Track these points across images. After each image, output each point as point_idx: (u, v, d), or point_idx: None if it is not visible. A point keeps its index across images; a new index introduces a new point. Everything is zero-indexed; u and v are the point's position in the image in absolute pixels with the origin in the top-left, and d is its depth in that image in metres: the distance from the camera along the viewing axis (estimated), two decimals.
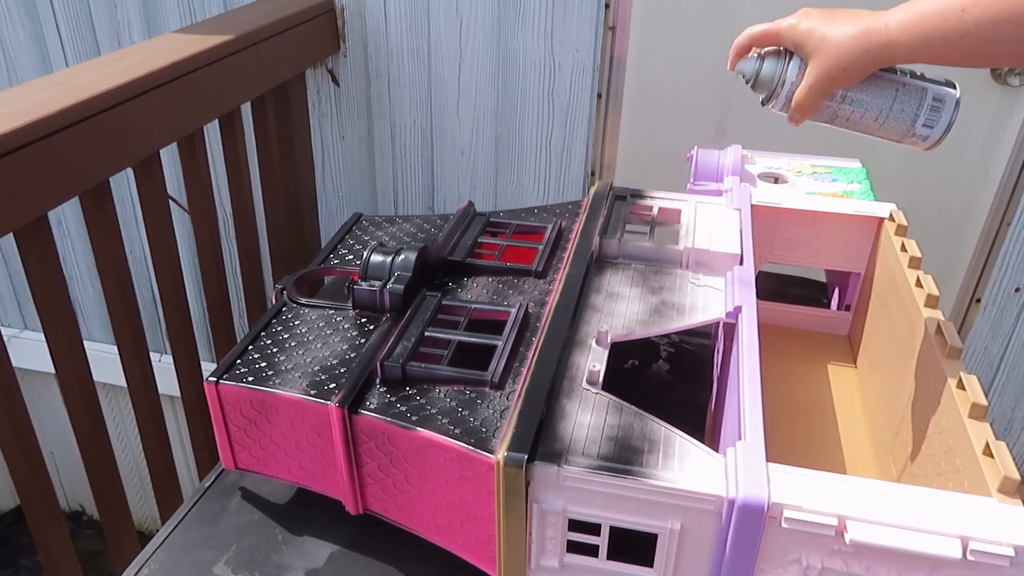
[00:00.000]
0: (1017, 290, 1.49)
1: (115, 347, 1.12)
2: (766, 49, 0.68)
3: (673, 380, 0.92)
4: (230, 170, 1.29)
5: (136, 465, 2.26)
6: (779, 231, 0.95)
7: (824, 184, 0.97)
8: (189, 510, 0.74)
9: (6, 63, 1.68)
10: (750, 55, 0.69)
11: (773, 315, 1.01)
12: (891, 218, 0.88)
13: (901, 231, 0.86)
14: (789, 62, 0.66)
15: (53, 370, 1.00)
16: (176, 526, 0.72)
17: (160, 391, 1.23)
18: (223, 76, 1.16)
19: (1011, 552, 0.49)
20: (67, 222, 1.87)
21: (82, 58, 1.62)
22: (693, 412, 0.86)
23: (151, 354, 1.19)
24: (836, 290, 1.03)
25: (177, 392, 1.30)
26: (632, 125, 1.48)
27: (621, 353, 0.95)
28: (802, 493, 0.53)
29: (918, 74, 0.65)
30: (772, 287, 1.09)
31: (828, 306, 1.04)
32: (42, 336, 0.98)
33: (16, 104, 0.86)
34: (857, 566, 0.53)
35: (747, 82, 0.69)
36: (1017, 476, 0.53)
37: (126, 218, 1.68)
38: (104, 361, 1.32)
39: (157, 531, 0.72)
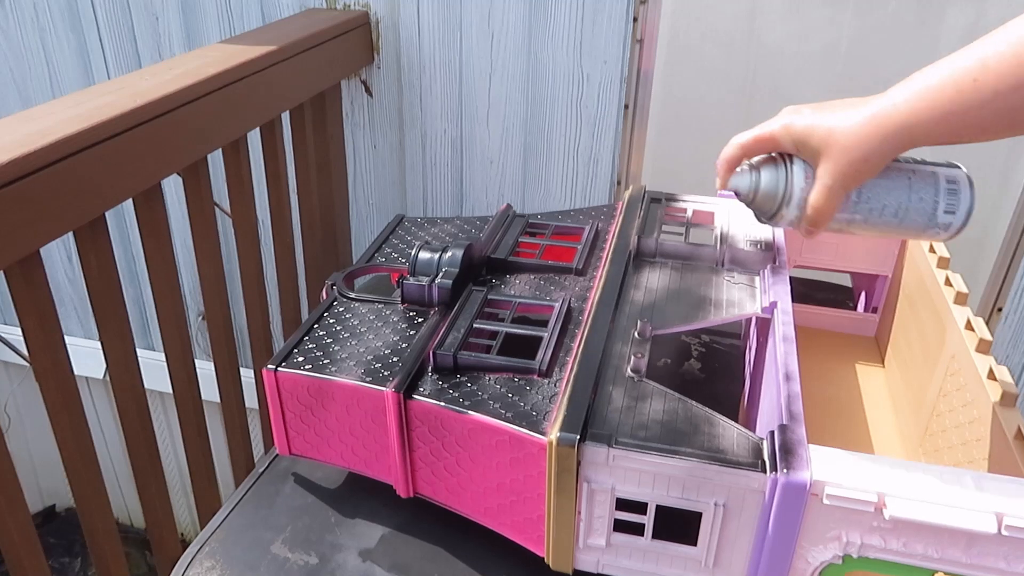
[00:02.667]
0: None
1: (146, 352, 1.15)
2: (755, 159, 0.60)
3: (705, 378, 0.95)
4: (270, 177, 1.34)
5: (166, 472, 2.30)
6: None
7: None
8: (245, 494, 0.77)
9: (50, 75, 1.74)
10: (739, 169, 0.61)
11: (802, 317, 1.03)
12: None
13: None
14: (792, 167, 0.58)
15: (86, 374, 1.03)
16: (233, 508, 0.75)
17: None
18: (267, 85, 1.20)
19: None
20: None
21: (124, 70, 1.68)
22: (726, 407, 0.89)
23: None
24: (863, 293, 1.06)
25: (207, 398, 1.33)
26: (658, 135, 1.52)
27: (654, 352, 0.98)
28: (842, 471, 0.55)
29: (919, 160, 0.59)
30: (800, 291, 1.11)
31: (855, 309, 1.07)
32: (77, 341, 1.01)
33: (80, 108, 0.90)
34: (895, 542, 0.55)
35: (744, 201, 0.61)
36: None
37: None
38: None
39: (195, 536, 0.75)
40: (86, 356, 1.57)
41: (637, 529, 0.62)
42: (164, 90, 0.98)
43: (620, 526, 0.62)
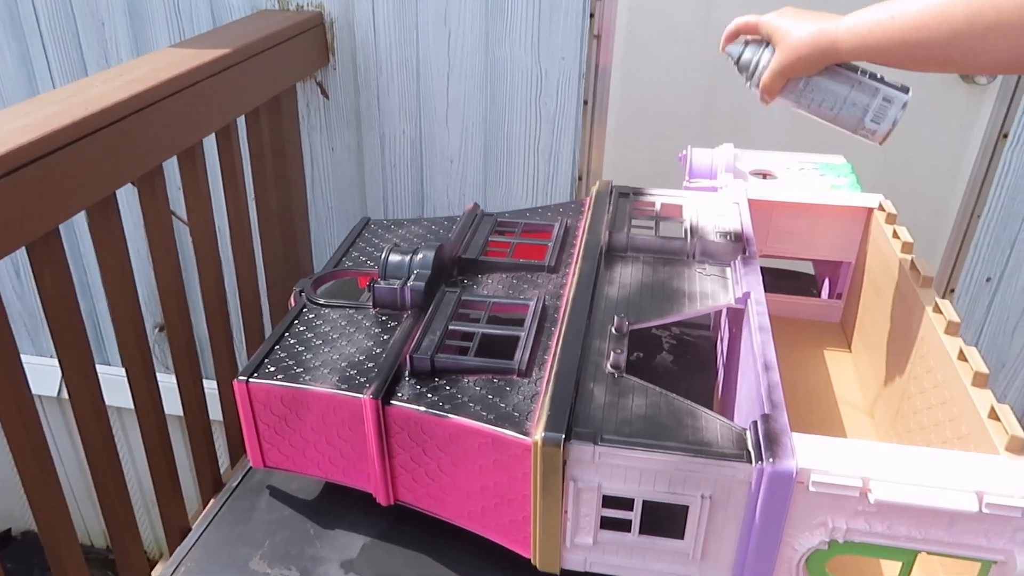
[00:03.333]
0: (988, 280, 1.55)
1: (100, 367, 1.11)
2: (752, 37, 0.79)
3: (678, 370, 0.95)
4: (227, 183, 1.31)
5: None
6: (773, 224, 0.99)
7: (812, 179, 1.02)
8: (220, 509, 0.75)
9: None
10: (738, 40, 0.79)
11: (768, 306, 1.04)
12: (880, 208, 0.93)
13: (891, 219, 0.90)
14: (764, 50, 0.76)
15: (38, 392, 0.99)
16: (209, 524, 0.73)
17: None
18: (221, 89, 1.17)
19: (1023, 504, 0.53)
20: None
21: (69, 78, 1.63)
22: (701, 399, 0.89)
23: None
24: (826, 280, 1.08)
25: (167, 412, 1.29)
26: (617, 130, 1.52)
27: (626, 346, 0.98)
28: (827, 458, 0.56)
29: (878, 76, 0.74)
30: (764, 281, 1.13)
31: (819, 296, 1.09)
32: (28, 358, 0.96)
33: (29, 117, 0.87)
34: (879, 525, 0.56)
35: (733, 63, 0.80)
36: (1023, 435, 0.57)
37: None
38: None
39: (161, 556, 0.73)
40: (38, 373, 1.52)
41: (624, 526, 0.62)
42: (115, 97, 0.95)
43: (607, 523, 0.62)
